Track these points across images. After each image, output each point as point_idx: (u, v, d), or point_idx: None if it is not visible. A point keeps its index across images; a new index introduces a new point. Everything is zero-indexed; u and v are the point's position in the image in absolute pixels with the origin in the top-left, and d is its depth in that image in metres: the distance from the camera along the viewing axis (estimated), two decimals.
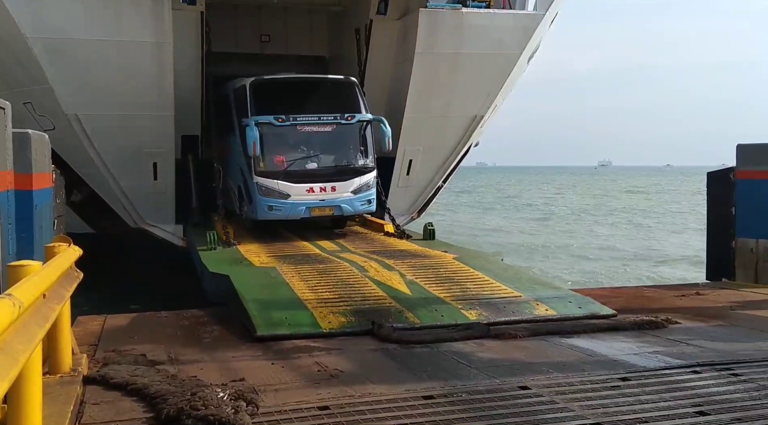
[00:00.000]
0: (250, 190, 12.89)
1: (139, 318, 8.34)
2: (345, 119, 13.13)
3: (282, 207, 12.60)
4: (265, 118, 12.59)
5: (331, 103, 13.43)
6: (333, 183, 12.86)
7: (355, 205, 13.05)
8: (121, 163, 13.46)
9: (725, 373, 5.81)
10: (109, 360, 6.28)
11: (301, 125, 12.86)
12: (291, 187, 12.66)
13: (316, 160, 13.08)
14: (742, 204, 10.89)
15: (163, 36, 12.44)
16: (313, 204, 12.74)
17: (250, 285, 8.87)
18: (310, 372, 6.01)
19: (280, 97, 13.25)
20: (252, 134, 12.14)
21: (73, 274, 5.77)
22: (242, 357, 6.59)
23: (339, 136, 13.26)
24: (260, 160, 12.56)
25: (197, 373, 5.92)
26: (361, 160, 13.38)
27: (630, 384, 5.55)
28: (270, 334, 7.22)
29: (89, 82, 12.37)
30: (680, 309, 8.54)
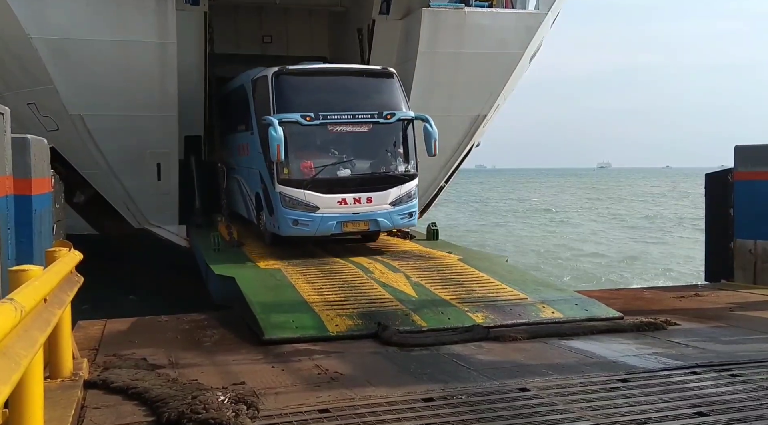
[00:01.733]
0: (272, 200, 11.17)
1: (140, 322, 8.35)
2: (384, 117, 11.25)
3: (309, 221, 10.79)
4: (290, 117, 10.74)
5: (366, 98, 11.64)
6: (369, 193, 11.05)
7: (394, 218, 11.26)
8: (124, 163, 13.46)
9: (724, 374, 5.83)
10: (109, 365, 6.29)
11: (332, 125, 11.01)
12: (320, 197, 10.83)
13: (350, 166, 11.17)
14: (740, 205, 10.92)
15: (167, 36, 12.44)
16: (346, 218, 10.95)
17: (256, 287, 8.85)
18: (310, 375, 6.03)
19: (307, 90, 11.44)
20: (275, 135, 10.26)
21: (74, 279, 5.78)
22: (242, 360, 6.61)
23: (376, 138, 11.45)
24: (284, 165, 10.76)
25: (198, 377, 5.93)
26: (401, 166, 11.50)
27: (629, 386, 5.57)
28: (278, 338, 7.22)
29: (93, 83, 12.38)
30: (679, 311, 8.56)
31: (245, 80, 12.71)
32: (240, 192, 13.64)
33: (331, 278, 9.29)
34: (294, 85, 11.38)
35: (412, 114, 11.55)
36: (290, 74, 11.43)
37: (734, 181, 10.96)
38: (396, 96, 11.74)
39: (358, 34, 15.50)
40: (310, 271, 9.65)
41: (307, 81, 11.60)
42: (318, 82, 11.69)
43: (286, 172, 10.86)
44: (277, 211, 11.01)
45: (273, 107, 10.90)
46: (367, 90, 11.88)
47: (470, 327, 7.45)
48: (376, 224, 11.21)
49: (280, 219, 10.98)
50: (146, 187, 13.78)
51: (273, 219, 11.26)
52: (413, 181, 11.50)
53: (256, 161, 11.82)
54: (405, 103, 11.74)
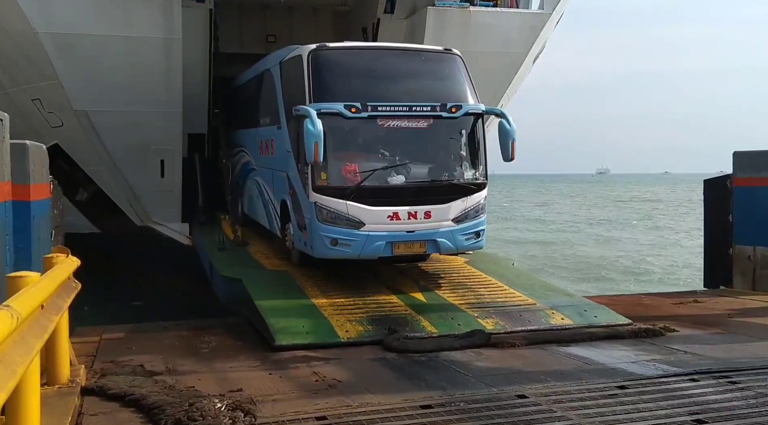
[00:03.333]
0: (304, 212, 9.06)
1: (137, 328, 8.34)
2: (448, 110, 9.08)
3: (351, 241, 8.63)
4: (331, 107, 8.62)
5: (426, 85, 9.52)
6: (427, 206, 8.85)
7: (457, 239, 8.99)
8: (128, 159, 13.46)
9: (723, 381, 5.83)
10: (107, 371, 6.28)
11: (383, 118, 8.84)
12: (366, 211, 8.65)
13: (404, 172, 8.95)
14: (739, 211, 10.93)
15: (173, 32, 12.46)
16: (398, 237, 8.75)
17: (264, 291, 8.73)
18: (308, 383, 6.01)
19: (352, 74, 9.39)
20: (313, 131, 8.18)
21: (72, 285, 5.78)
22: (240, 367, 6.59)
23: (438, 136, 9.28)
24: (321, 169, 8.65)
25: (195, 384, 5.92)
26: (468, 172, 9.31)
27: (628, 393, 5.56)
28: (289, 344, 7.17)
29: (98, 78, 12.40)
30: (678, 317, 8.56)
31: (272, 63, 10.94)
32: (260, 197, 11.77)
33: (339, 280, 9.14)
34: (336, 67, 9.28)
35: (482, 107, 9.44)
36: (331, 53, 9.32)
37: (733, 187, 10.97)
38: (462, 84, 9.54)
39: (362, 33, 15.50)
40: (318, 273, 9.51)
41: (352, 62, 9.50)
42: (365, 64, 9.55)
43: (323, 177, 8.70)
44: (310, 226, 8.85)
45: (309, 95, 8.83)
46: (426, 75, 9.66)
47: (471, 333, 7.43)
48: (435, 245, 8.95)
49: (314, 237, 8.81)
50: (149, 184, 13.77)
51: (304, 236, 9.14)
52: (482, 192, 9.31)
53: (283, 161, 9.91)
54: (473, 92, 9.51)
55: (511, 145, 9.22)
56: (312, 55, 9.12)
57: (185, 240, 14.00)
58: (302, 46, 9.50)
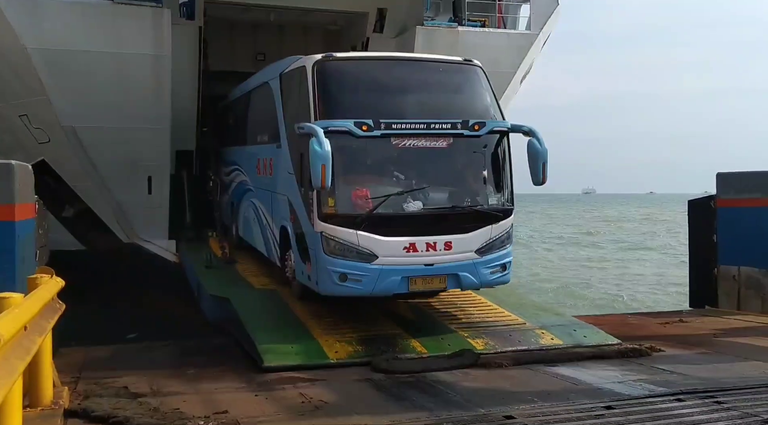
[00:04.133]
0: (308, 242, 8.16)
1: (122, 349, 8.26)
2: (470, 128, 8.22)
3: (363, 276, 7.74)
4: (340, 124, 7.77)
5: (444, 101, 8.77)
6: (447, 236, 7.99)
7: (481, 273, 8.13)
8: (115, 176, 13.40)
9: (709, 401, 5.84)
10: (90, 393, 6.20)
11: (398, 137, 7.99)
12: (379, 242, 7.78)
13: (421, 197, 8.08)
14: (723, 231, 11.03)
15: (162, 49, 12.49)
16: (415, 271, 7.88)
17: (252, 311, 8.64)
18: (294, 404, 5.97)
19: (363, 87, 8.55)
20: (320, 152, 7.30)
21: (55, 306, 5.73)
22: (226, 388, 6.53)
23: (459, 156, 8.46)
24: (329, 194, 7.76)
25: (180, 406, 5.86)
26: (493, 197, 8.47)
27: (614, 413, 5.56)
28: (278, 365, 7.09)
29: (87, 94, 12.38)
30: (664, 337, 8.59)
31: (270, 75, 10.21)
32: (257, 221, 10.92)
33: (328, 299, 8.82)
34: (344, 80, 8.45)
35: (508, 123, 8.58)
36: (339, 64, 8.44)
37: (717, 207, 11.08)
38: (485, 98, 8.74)
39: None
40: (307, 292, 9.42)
41: (362, 74, 8.61)
42: (377, 77, 8.62)
43: (331, 204, 7.79)
44: (316, 259, 7.96)
45: (314, 111, 7.96)
46: (445, 89, 8.88)
47: (460, 353, 7.42)
48: (457, 280, 8.08)
49: (320, 271, 7.90)
50: (137, 200, 13.71)
51: (308, 269, 8.27)
52: (508, 220, 8.40)
53: (284, 184, 9.10)
54: (497, 108, 8.72)
55: (543, 167, 8.32)
56: (317, 66, 8.21)
57: (172, 257, 13.91)
58: (305, 56, 8.68)
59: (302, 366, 7.10)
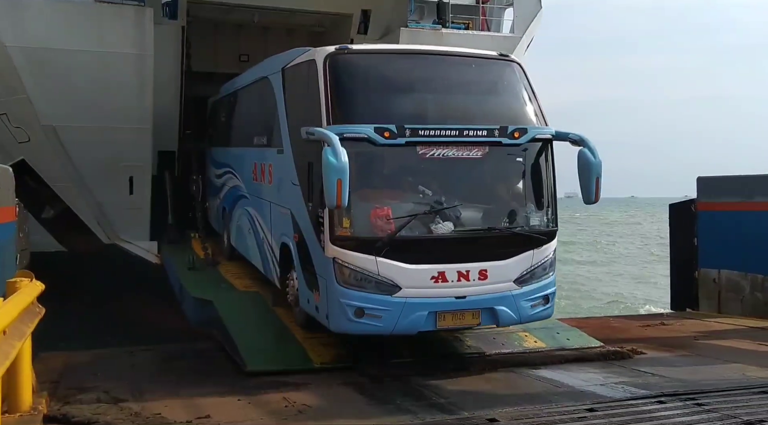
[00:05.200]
0: (317, 268, 7.11)
1: (103, 353, 8.17)
2: (509, 135, 7.10)
3: (383, 311, 6.66)
4: (358, 130, 6.66)
5: (479, 103, 7.60)
6: (482, 263, 6.91)
7: (521, 307, 7.07)
8: (96, 176, 13.27)
9: (689, 403, 5.90)
10: (70, 398, 6.12)
11: (426, 146, 6.87)
12: (403, 270, 6.71)
13: (452, 217, 6.97)
14: (703, 235, 11.16)
15: (145, 48, 12.41)
16: (444, 305, 6.80)
17: (236, 314, 8.53)
18: (277, 409, 5.94)
19: (383, 86, 7.36)
20: (335, 164, 6.21)
21: (35, 310, 5.66)
22: (209, 393, 6.47)
23: (496, 169, 7.42)
24: (344, 213, 6.66)
25: (162, 411, 5.81)
26: (534, 216, 7.39)
27: (597, 415, 5.60)
28: (261, 370, 7.02)
29: (68, 93, 12.26)
30: (645, 339, 8.67)
31: (270, 69, 9.09)
32: (252, 232, 9.93)
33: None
34: (362, 77, 7.30)
35: (552, 130, 7.45)
36: (356, 58, 7.37)
37: (697, 211, 11.21)
38: (525, 100, 7.57)
39: None
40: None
41: (383, 70, 7.41)
42: (401, 74, 7.44)
43: (346, 225, 6.69)
44: (327, 290, 6.86)
45: (327, 113, 6.81)
46: (479, 89, 7.73)
47: (446, 356, 7.42)
48: (493, 315, 7.01)
49: (332, 304, 6.81)
50: (118, 201, 13.58)
51: (316, 299, 7.21)
52: (552, 243, 7.34)
53: (287, 196, 8.03)
54: (539, 112, 7.54)
55: (596, 182, 7.15)
56: (330, 60, 7.04)
57: (154, 259, 13.80)
58: (314, 48, 7.54)
59: (286, 371, 7.05)
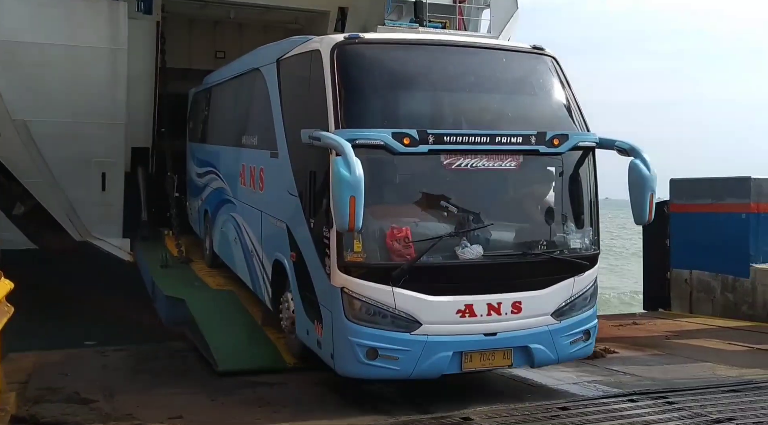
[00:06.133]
0: (320, 298, 6.12)
1: (74, 353, 8.02)
2: (548, 142, 6.06)
3: (401, 352, 5.69)
4: (373, 136, 5.63)
5: (510, 105, 6.52)
6: (516, 294, 5.95)
7: (559, 345, 6.11)
8: (68, 172, 13.08)
9: (660, 401, 5.98)
10: (39, 399, 6.01)
11: (452, 155, 5.86)
12: (425, 303, 5.74)
13: (482, 239, 6.00)
14: (676, 236, 11.33)
15: (118, 43, 12.28)
16: (471, 344, 5.86)
17: (208, 313, 8.46)
18: (251, 408, 5.90)
19: (401, 85, 6.31)
20: (348, 178, 5.21)
21: (3, 309, 5.55)
22: (181, 393, 6.41)
23: (531, 182, 6.48)
24: (356, 235, 5.60)
25: (133, 411, 5.73)
26: (575, 238, 6.37)
27: (570, 413, 5.64)
28: (233, 369, 6.95)
29: (40, 87, 12.09)
30: (618, 339, 8.77)
31: (263, 60, 8.09)
32: (239, 243, 8.97)
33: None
34: (377, 72, 6.24)
35: (595, 137, 6.40)
36: (369, 49, 6.28)
37: (670, 212, 11.37)
38: (563, 101, 6.56)
39: None
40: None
41: (401, 64, 6.33)
42: (421, 68, 6.35)
43: (357, 250, 5.66)
44: (333, 325, 5.83)
45: (335, 115, 5.76)
46: (511, 87, 6.66)
47: None
48: (527, 355, 6.05)
49: (339, 342, 5.80)
50: (90, 197, 13.41)
51: (319, 333, 6.16)
52: (594, 269, 6.33)
53: (282, 207, 7.07)
54: (579, 114, 6.52)
55: (650, 199, 6.10)
56: (338, 51, 5.98)
57: (126, 256, 13.66)
58: (317, 37, 6.76)
59: (259, 371, 6.99)
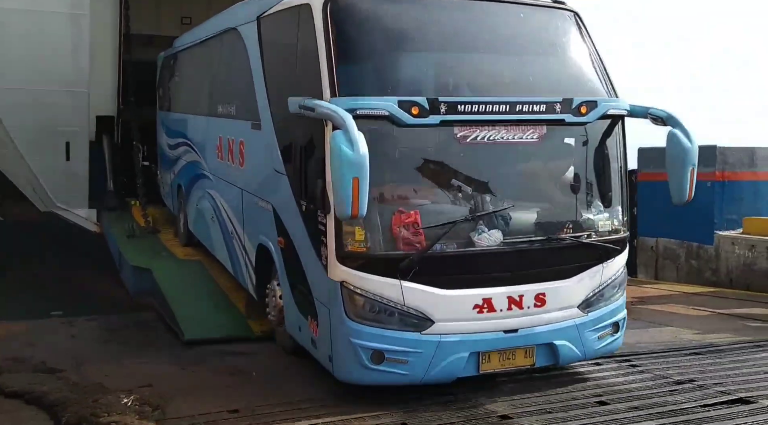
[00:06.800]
0: (315, 292, 5.40)
1: (41, 324, 7.91)
2: (575, 110, 5.29)
3: (411, 354, 5.01)
4: (376, 105, 4.83)
5: (530, 67, 5.69)
6: (540, 284, 5.25)
7: (586, 340, 5.48)
8: (31, 141, 12.80)
9: (624, 364, 6.15)
10: (5, 369, 5.95)
11: (466, 126, 5.10)
12: (438, 298, 5.04)
13: (500, 223, 5.26)
14: (642, 205, 11.49)
15: (80, 7, 12.01)
16: (490, 342, 5.18)
17: (174, 282, 8.43)
18: (222, 377, 5.91)
19: (406, 46, 5.40)
20: (351, 156, 4.42)
21: None
22: (151, 362, 6.39)
23: (555, 156, 5.72)
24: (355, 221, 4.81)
25: (102, 380, 5.70)
26: (604, 219, 5.62)
27: (535, 378, 5.75)
28: (199, 338, 6.92)
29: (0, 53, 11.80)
30: None
31: (241, 19, 7.31)
32: (217, 222, 8.32)
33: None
34: (380, 31, 5.32)
35: (626, 104, 5.62)
36: (368, 3, 5.39)
37: (637, 181, 11.51)
38: (588, 64, 5.73)
39: None
40: None
41: (407, 21, 5.45)
42: (430, 25, 5.49)
43: (359, 238, 4.92)
44: (332, 323, 5.12)
45: (329, 81, 4.90)
46: (531, 47, 5.78)
47: None
48: (551, 353, 5.39)
49: (339, 344, 5.09)
50: (54, 167, 13.15)
51: (314, 332, 5.45)
52: (623, 254, 5.68)
53: (267, 186, 6.34)
54: (606, 78, 5.70)
55: (691, 175, 5.46)
56: (332, 5, 5.10)
57: (93, 227, 13.47)
58: None
59: (225, 339, 6.95)
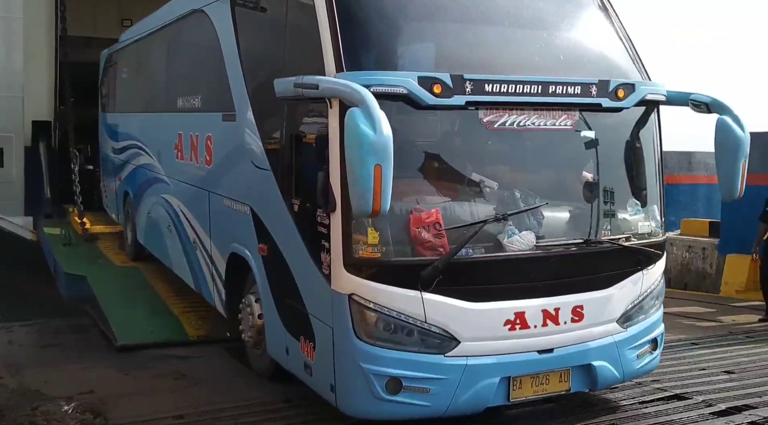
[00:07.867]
0: (311, 308, 4.60)
1: None
2: (611, 94, 4.56)
3: (433, 381, 4.18)
4: (393, 82, 3.96)
5: (560, 45, 4.92)
6: (577, 295, 4.51)
7: (625, 359, 4.74)
8: None
9: None
10: None
11: (494, 108, 4.31)
12: (464, 312, 4.23)
13: (533, 223, 4.51)
14: None
15: (12, 10, 11.70)
16: (522, 365, 4.40)
17: (110, 289, 8.38)
18: (166, 381, 5.83)
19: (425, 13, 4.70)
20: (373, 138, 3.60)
21: None
22: (92, 368, 6.25)
23: (588, 146, 4.89)
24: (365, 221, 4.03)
25: (41, 387, 5.57)
26: (642, 219, 4.93)
27: None
28: (132, 344, 6.84)
29: None
30: None
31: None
32: (175, 232, 7.61)
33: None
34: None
35: (663, 88, 4.95)
36: None
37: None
38: (620, 44, 5.12)
39: None
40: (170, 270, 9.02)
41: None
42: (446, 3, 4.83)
43: (372, 241, 4.12)
44: (337, 345, 4.31)
45: (336, 53, 4.16)
46: (561, 23, 5.05)
47: None
48: (589, 375, 4.64)
49: (346, 370, 4.28)
50: None
51: (309, 356, 4.64)
52: (663, 259, 5.01)
53: (243, 184, 5.62)
54: (638, 60, 5.10)
55: (742, 167, 4.68)
56: None
57: (29, 235, 13.12)
58: None
59: (159, 344, 6.87)
